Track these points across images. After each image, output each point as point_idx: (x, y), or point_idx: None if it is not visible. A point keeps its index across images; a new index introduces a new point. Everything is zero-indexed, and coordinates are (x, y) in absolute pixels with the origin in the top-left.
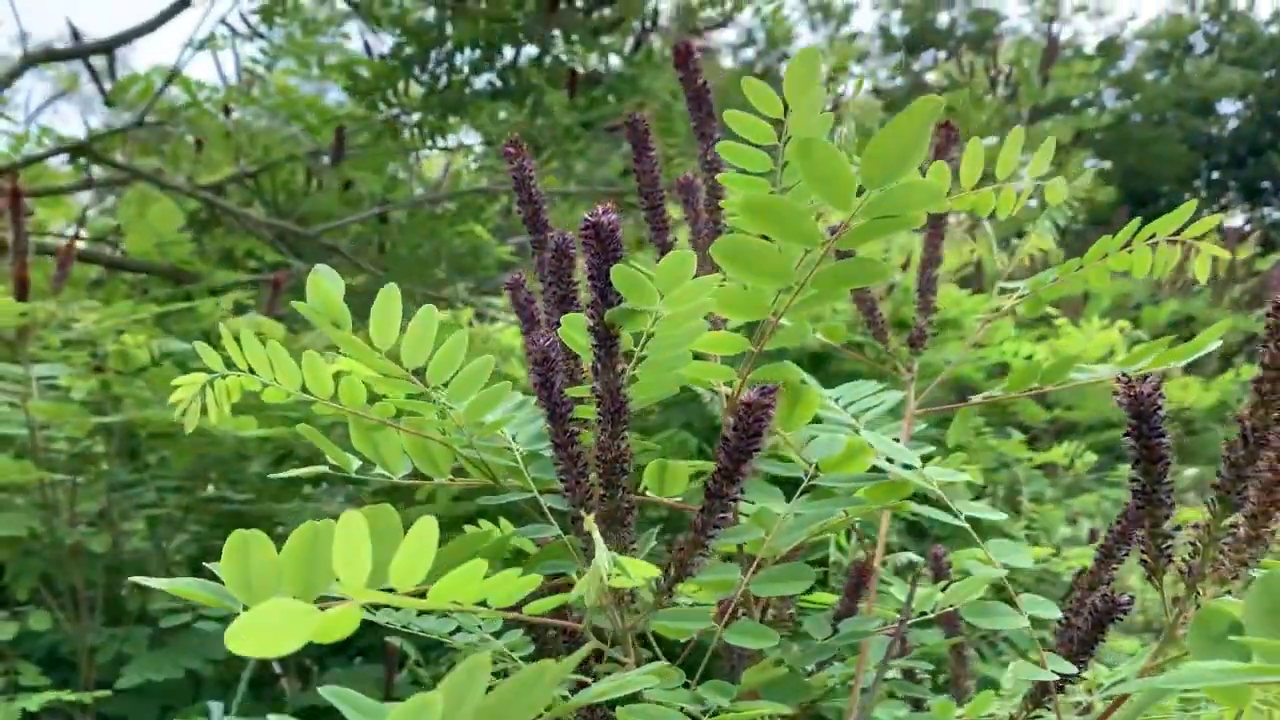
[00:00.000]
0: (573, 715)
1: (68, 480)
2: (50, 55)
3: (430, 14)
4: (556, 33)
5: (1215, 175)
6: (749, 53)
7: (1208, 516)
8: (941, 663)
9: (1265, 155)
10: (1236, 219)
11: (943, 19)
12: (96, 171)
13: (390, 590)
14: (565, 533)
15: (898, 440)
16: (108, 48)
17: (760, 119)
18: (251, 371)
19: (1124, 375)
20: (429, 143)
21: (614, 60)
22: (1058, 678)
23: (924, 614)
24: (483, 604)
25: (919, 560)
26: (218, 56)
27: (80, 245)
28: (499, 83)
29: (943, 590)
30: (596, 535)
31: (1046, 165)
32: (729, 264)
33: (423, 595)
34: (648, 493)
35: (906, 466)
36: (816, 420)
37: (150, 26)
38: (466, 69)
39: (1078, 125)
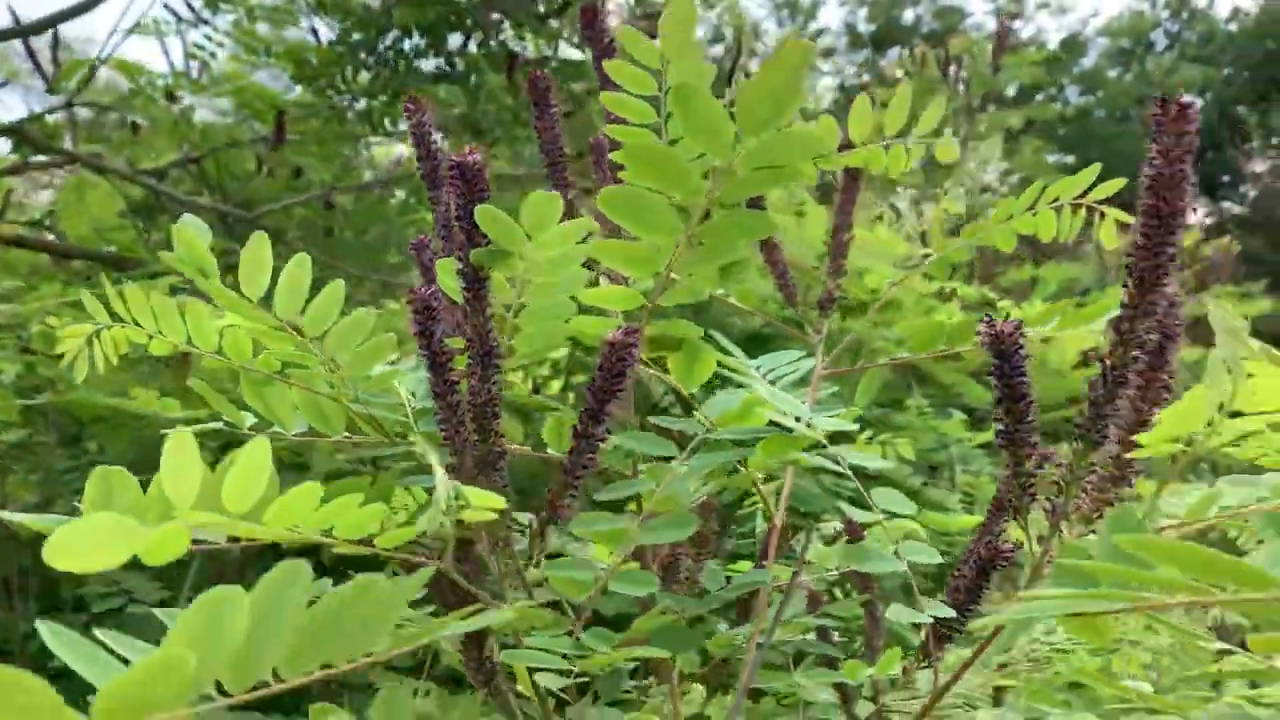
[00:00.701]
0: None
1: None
2: None
3: None
4: (503, 18)
5: None
6: (718, 49)
7: (1071, 455)
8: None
9: (1224, 151)
10: (1198, 213)
11: (908, 16)
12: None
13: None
14: None
15: (803, 402)
16: (41, 28)
17: (640, 69)
18: (137, 324)
19: (987, 316)
20: (377, 129)
21: (565, 46)
22: (931, 619)
23: (828, 570)
24: (329, 534)
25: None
26: (165, 43)
27: (20, 231)
28: (447, 68)
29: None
30: (436, 464)
31: (934, 124)
32: (615, 214)
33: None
34: (549, 450)
35: (798, 420)
36: (736, 386)
37: (84, 7)
38: (413, 54)
39: (1028, 114)
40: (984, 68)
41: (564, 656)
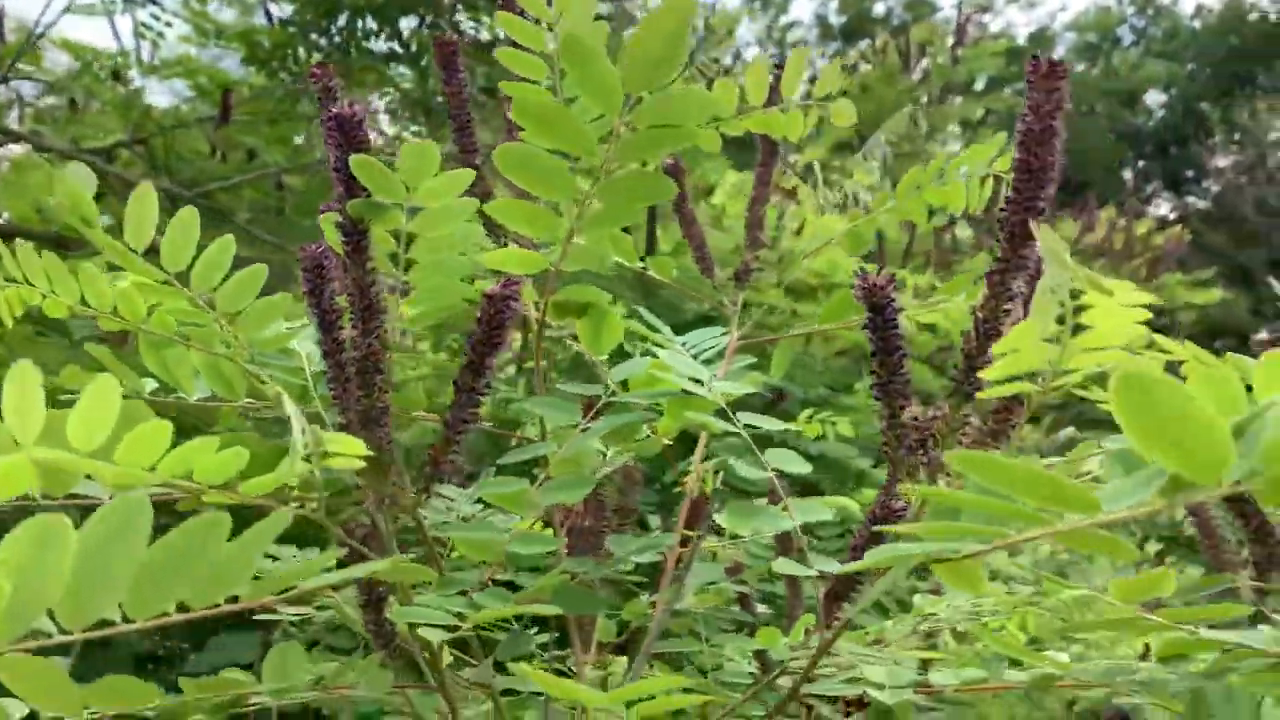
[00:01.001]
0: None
1: None
2: None
3: None
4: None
5: (1141, 165)
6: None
7: (946, 408)
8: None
9: (1188, 146)
10: (1162, 208)
11: (879, 8)
12: None
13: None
14: None
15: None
16: None
17: (533, 24)
18: (29, 284)
19: (860, 270)
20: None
21: None
22: (816, 573)
23: (743, 538)
24: (190, 480)
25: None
26: (114, 23)
27: None
28: (400, 50)
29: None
30: (293, 412)
31: (834, 86)
32: (511, 172)
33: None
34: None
35: (699, 384)
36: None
37: None
38: (365, 36)
39: (987, 104)
40: (944, 58)
41: (455, 614)
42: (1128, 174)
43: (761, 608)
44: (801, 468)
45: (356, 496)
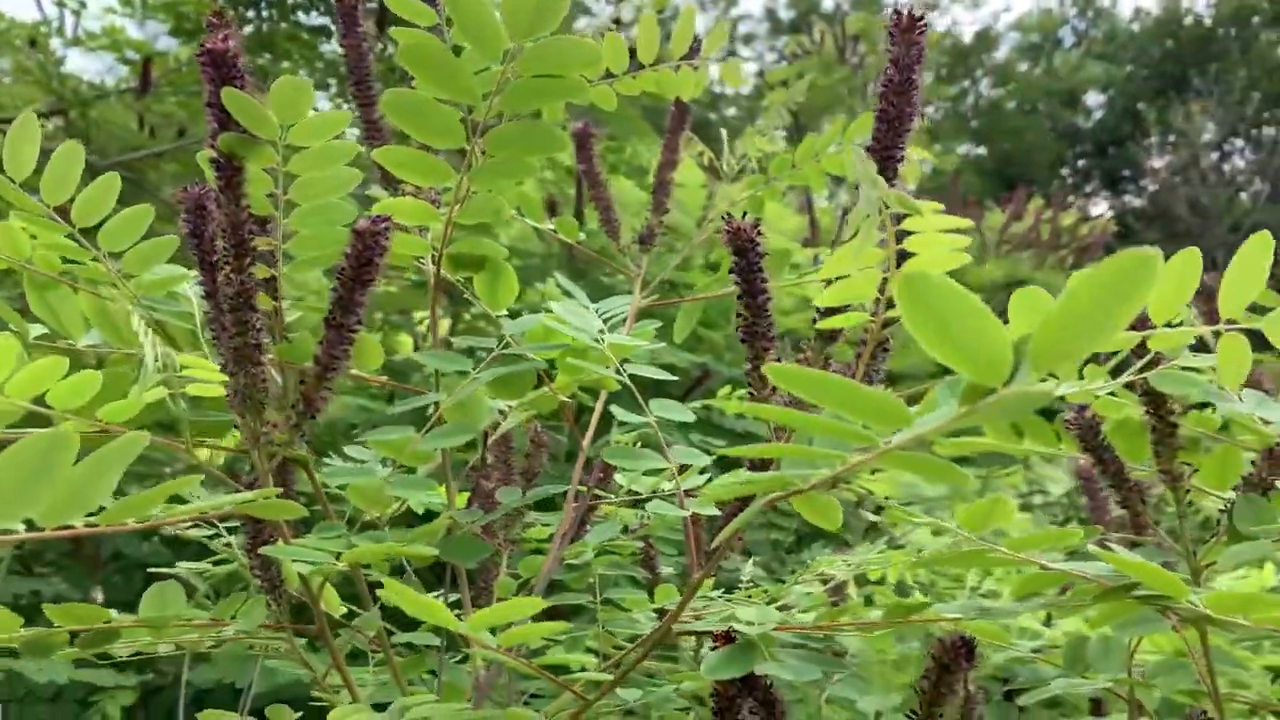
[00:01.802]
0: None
1: None
2: None
3: None
4: None
5: (1081, 164)
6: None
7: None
8: None
9: (1125, 146)
10: (1100, 206)
11: (828, 3)
12: None
13: None
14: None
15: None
16: None
17: None
18: None
19: (726, 215)
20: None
21: None
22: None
23: (639, 494)
24: (44, 404)
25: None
26: None
27: None
28: (331, 23)
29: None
30: (144, 336)
31: (719, 46)
32: (397, 118)
33: None
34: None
35: (591, 338)
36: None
37: None
38: (294, 8)
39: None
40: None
41: (332, 553)
42: (1067, 171)
43: (668, 570)
44: (684, 416)
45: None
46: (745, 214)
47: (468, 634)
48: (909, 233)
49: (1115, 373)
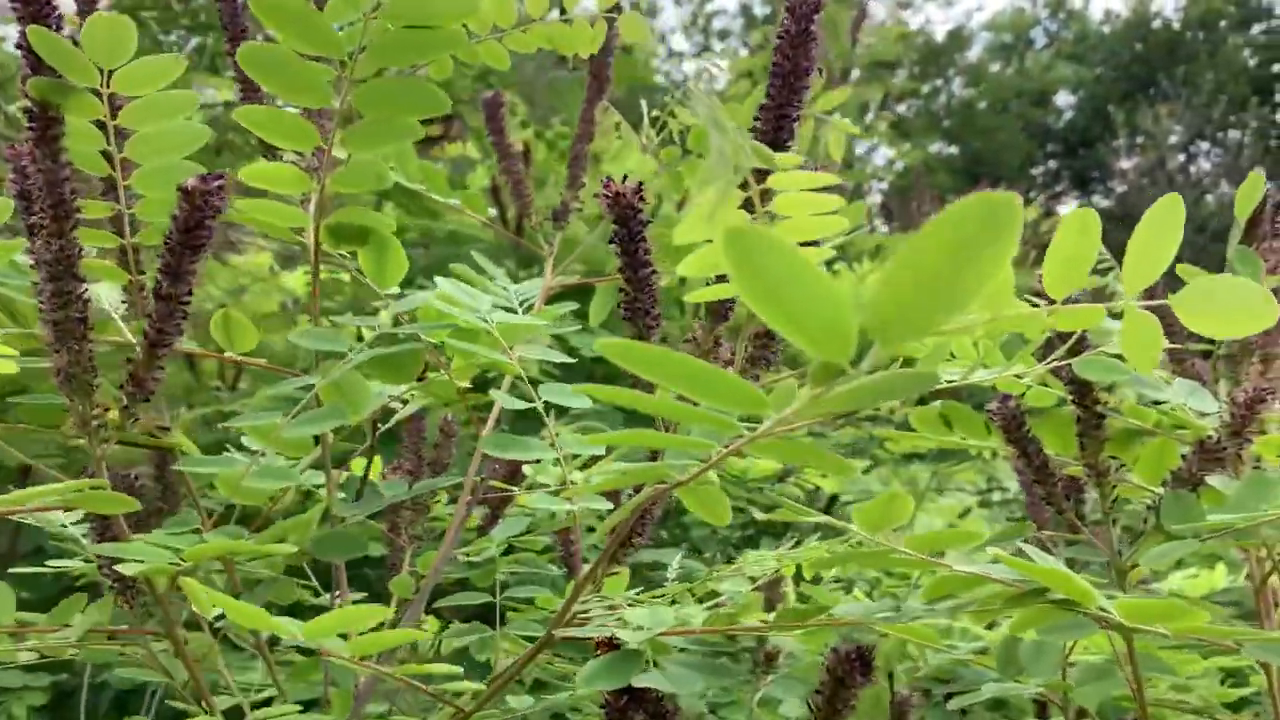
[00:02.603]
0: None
1: None
2: None
3: None
4: None
5: (1051, 164)
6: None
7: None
8: None
9: (1094, 147)
10: (1070, 205)
11: None
12: None
13: None
14: None
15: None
16: None
17: None
18: None
19: (607, 179)
20: (219, 70)
21: None
22: (575, 507)
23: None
24: None
25: None
26: None
27: None
28: None
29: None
30: None
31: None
32: (258, 75)
33: None
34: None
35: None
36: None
37: None
38: None
39: (885, 88)
40: (845, 39)
41: (173, 551)
42: (1038, 171)
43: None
44: (574, 401)
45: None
46: (626, 178)
47: (307, 643)
48: (773, 192)
49: (1043, 359)
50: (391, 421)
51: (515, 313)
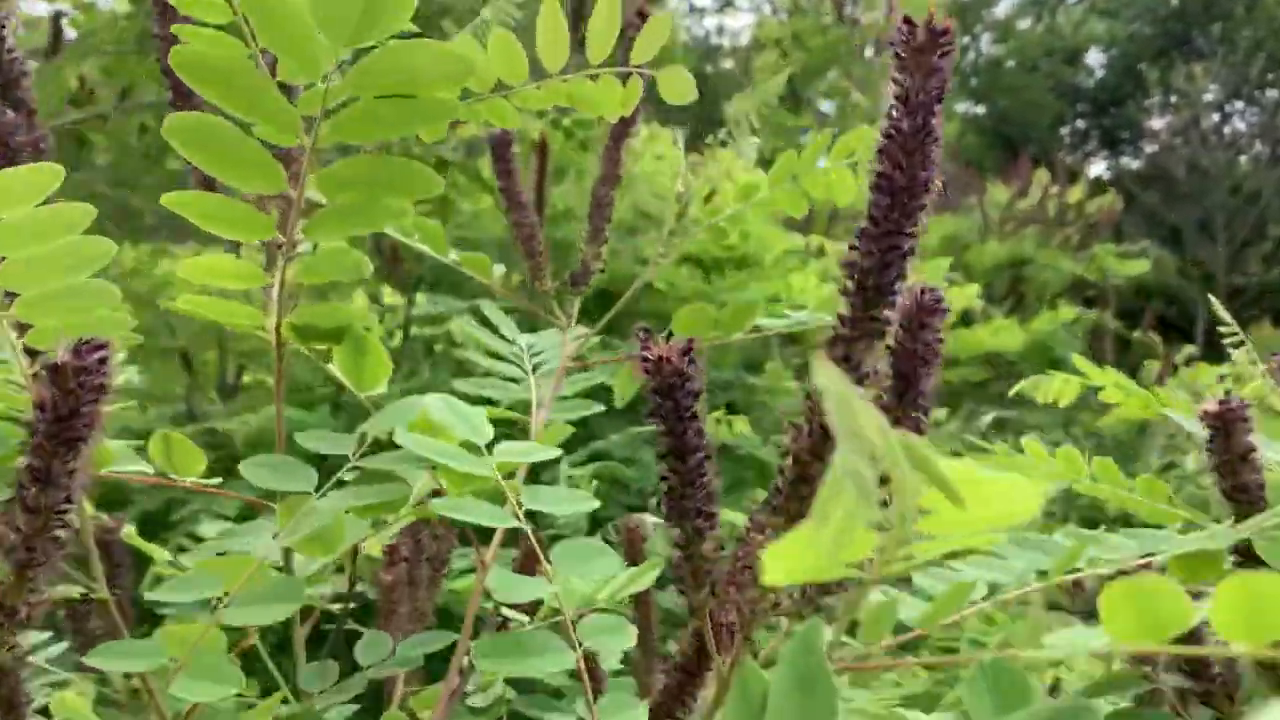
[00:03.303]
0: None
1: None
2: None
3: None
4: None
5: (1080, 124)
6: None
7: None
8: None
9: (1125, 106)
10: (1099, 167)
11: None
12: None
13: None
14: None
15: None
16: None
17: None
18: None
19: (643, 331)
20: None
21: None
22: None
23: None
24: None
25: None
26: None
27: None
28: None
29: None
30: None
31: (652, 52)
32: (190, 151)
33: None
34: None
35: (478, 448)
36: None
37: None
38: None
39: None
40: (879, 8)
41: None
42: (1066, 131)
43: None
44: (579, 506)
45: None
46: (670, 334)
47: None
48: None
49: None
50: (371, 543)
51: (529, 375)
